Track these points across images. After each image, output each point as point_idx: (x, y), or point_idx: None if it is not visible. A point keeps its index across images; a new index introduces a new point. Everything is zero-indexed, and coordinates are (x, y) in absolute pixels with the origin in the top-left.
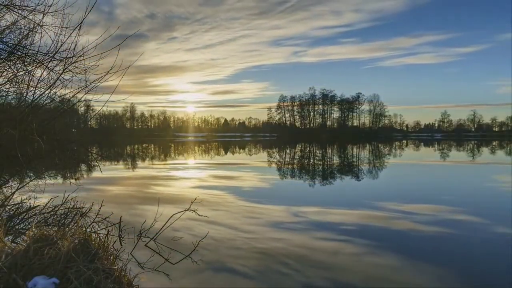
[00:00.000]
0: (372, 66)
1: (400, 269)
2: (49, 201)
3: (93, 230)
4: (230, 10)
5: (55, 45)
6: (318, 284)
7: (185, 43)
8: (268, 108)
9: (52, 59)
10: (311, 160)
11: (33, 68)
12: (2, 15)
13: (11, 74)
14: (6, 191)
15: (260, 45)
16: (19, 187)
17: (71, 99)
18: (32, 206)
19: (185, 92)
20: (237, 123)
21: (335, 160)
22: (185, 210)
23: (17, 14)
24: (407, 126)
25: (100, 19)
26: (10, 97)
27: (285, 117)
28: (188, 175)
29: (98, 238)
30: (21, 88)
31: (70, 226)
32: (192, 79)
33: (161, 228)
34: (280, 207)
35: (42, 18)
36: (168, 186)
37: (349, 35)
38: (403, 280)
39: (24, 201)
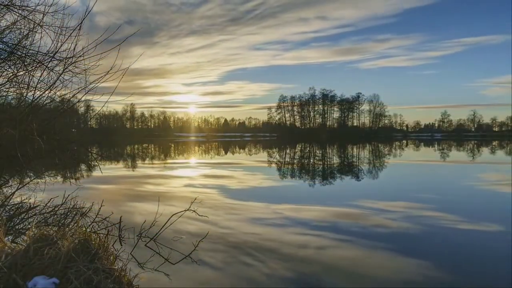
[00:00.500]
0: (351, 68)
1: (360, 261)
2: (49, 201)
3: (93, 230)
4: (203, 18)
5: (55, 45)
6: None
7: (167, 48)
8: (268, 108)
9: (52, 59)
10: (309, 160)
11: (33, 68)
12: (2, 15)
13: (11, 74)
14: (6, 191)
15: (239, 49)
16: (19, 187)
17: (71, 99)
18: (32, 206)
19: (177, 94)
20: (237, 123)
21: (333, 160)
22: (185, 210)
23: (17, 14)
24: (407, 126)
25: (83, 25)
26: (10, 97)
27: (285, 117)
28: (188, 175)
29: (98, 238)
30: (21, 88)
31: (70, 226)
32: (182, 81)
33: (161, 228)
34: (278, 205)
35: (42, 18)
36: (168, 186)
37: (320, 40)
38: (359, 271)
39: (24, 201)
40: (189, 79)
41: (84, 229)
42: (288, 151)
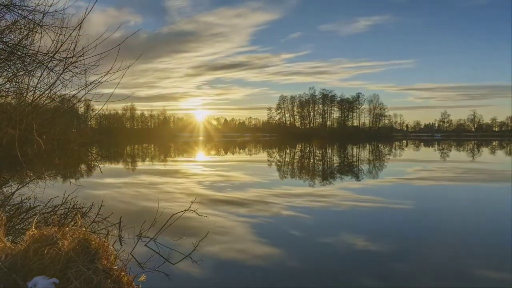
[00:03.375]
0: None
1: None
2: (49, 201)
3: (93, 230)
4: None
5: (55, 45)
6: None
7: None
8: (268, 108)
9: (52, 59)
10: (307, 160)
11: (33, 68)
12: (2, 15)
13: (11, 74)
14: (6, 191)
15: (169, 66)
16: (19, 187)
17: (71, 99)
18: (32, 206)
19: (151, 98)
20: (237, 123)
21: (333, 160)
22: (185, 210)
23: (17, 14)
24: (407, 126)
25: (83, 25)
26: (10, 97)
27: (285, 117)
28: (188, 175)
29: (98, 238)
30: (21, 88)
31: (70, 226)
32: (148, 90)
33: (161, 228)
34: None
35: (42, 18)
36: (168, 186)
37: (217, 59)
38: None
39: (24, 201)
40: (153, 89)
41: (84, 229)
42: (288, 151)
